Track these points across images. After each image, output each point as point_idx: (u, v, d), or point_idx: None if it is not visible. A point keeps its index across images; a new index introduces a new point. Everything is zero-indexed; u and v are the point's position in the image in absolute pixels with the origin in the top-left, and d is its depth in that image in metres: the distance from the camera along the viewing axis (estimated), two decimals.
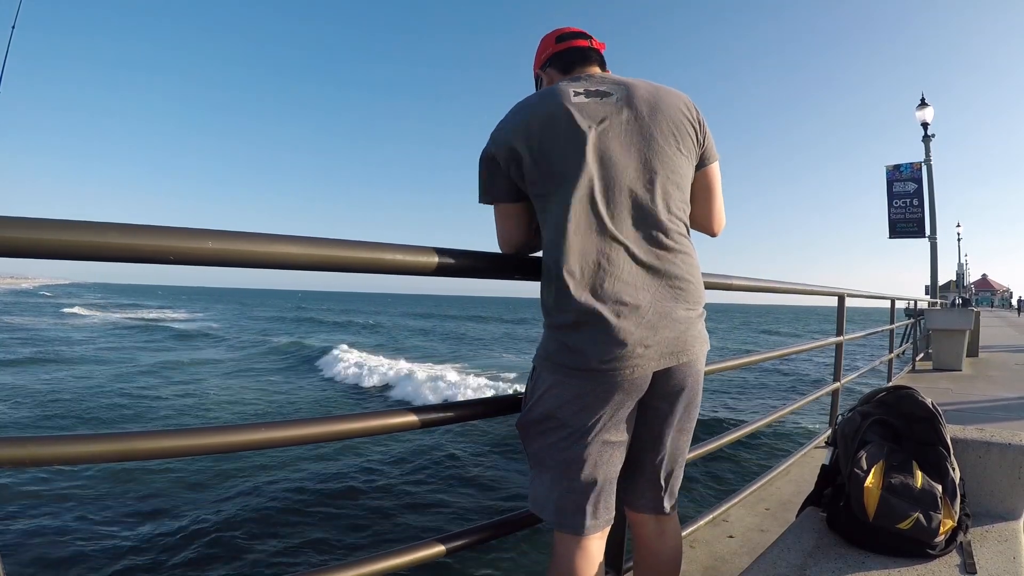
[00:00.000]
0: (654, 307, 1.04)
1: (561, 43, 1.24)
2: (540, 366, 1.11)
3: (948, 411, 1.48)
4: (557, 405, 1.07)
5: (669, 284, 1.07)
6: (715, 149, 1.19)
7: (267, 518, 5.80)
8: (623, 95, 1.11)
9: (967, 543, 1.21)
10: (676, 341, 1.06)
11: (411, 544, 1.12)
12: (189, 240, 0.80)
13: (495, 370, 17.97)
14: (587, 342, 1.02)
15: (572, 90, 1.10)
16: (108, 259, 0.75)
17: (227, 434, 0.89)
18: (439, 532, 1.21)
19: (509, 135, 1.10)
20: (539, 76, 1.29)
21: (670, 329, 1.05)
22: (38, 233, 0.69)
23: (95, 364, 17.02)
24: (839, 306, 3.67)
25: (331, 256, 0.94)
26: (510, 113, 1.14)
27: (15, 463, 0.74)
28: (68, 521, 5.60)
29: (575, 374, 1.04)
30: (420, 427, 1.12)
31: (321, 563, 4.71)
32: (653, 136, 1.09)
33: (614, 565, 1.61)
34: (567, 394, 1.06)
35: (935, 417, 1.37)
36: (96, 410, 10.95)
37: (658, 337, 1.04)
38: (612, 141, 1.07)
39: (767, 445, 7.39)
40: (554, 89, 1.12)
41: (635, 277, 1.04)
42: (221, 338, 26.63)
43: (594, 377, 1.02)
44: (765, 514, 2.44)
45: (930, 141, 10.86)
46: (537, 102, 1.12)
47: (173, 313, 47.82)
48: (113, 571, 4.75)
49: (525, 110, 1.11)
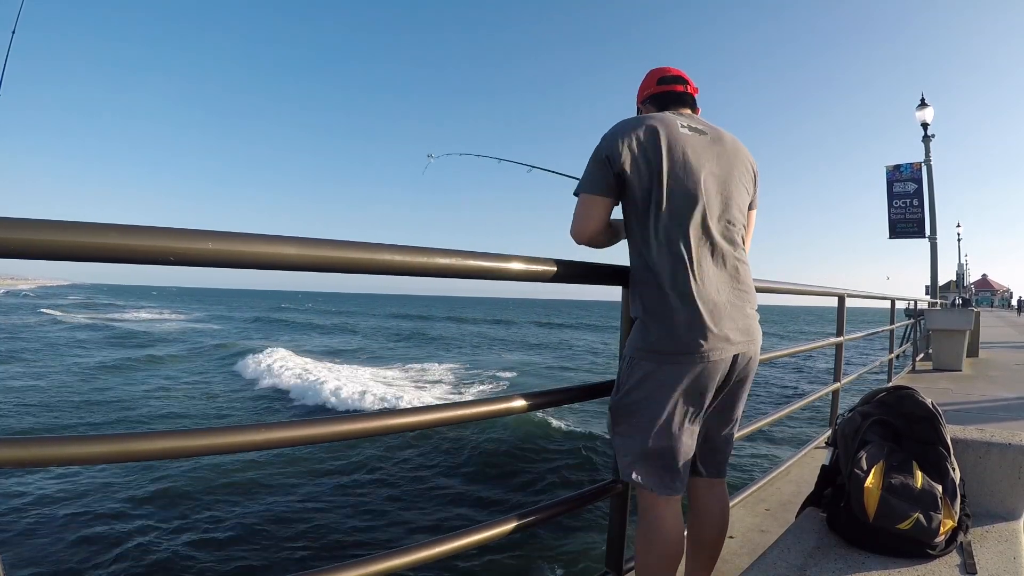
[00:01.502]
0: (731, 305, 1.29)
1: (661, 86, 1.47)
2: (636, 355, 1.31)
3: (948, 411, 1.48)
4: (651, 389, 1.27)
5: (739, 288, 1.33)
6: (758, 199, 1.48)
7: (270, 517, 5.81)
8: (716, 136, 1.37)
9: (967, 543, 1.21)
10: (747, 331, 1.32)
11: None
12: (189, 241, 0.79)
13: (446, 373, 17.56)
14: (683, 333, 1.23)
15: (679, 122, 1.34)
16: (108, 260, 0.74)
17: (227, 435, 0.89)
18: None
19: (629, 142, 1.28)
20: (640, 109, 1.52)
21: (742, 322, 1.31)
22: (38, 234, 0.69)
23: (12, 363, 16.80)
24: (839, 306, 3.66)
25: (329, 257, 0.94)
26: (627, 125, 1.32)
27: (15, 463, 0.74)
28: (68, 521, 5.60)
29: (671, 359, 1.25)
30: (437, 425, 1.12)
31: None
32: (732, 174, 1.36)
33: (614, 565, 1.61)
34: (662, 379, 1.26)
35: (935, 417, 1.37)
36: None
37: (736, 328, 1.29)
38: (706, 170, 1.31)
39: (767, 445, 7.40)
40: (666, 117, 1.34)
41: (718, 281, 1.28)
42: (161, 339, 25.95)
43: (689, 361, 1.24)
44: (765, 514, 2.44)
45: (930, 141, 10.86)
46: (654, 122, 1.31)
47: (145, 314, 46.74)
48: (113, 571, 4.75)
49: (643, 126, 1.30)
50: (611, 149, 1.29)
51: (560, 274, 1.33)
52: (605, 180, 1.31)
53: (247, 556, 5.04)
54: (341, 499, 6.41)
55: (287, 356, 18.86)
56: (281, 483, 6.86)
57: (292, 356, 19.12)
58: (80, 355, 19.47)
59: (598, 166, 1.31)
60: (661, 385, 1.26)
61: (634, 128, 1.30)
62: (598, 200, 1.32)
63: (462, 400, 1.20)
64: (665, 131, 1.29)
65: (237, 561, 4.96)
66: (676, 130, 1.31)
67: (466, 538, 1.20)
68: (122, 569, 4.79)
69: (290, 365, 16.84)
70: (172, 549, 5.12)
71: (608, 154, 1.29)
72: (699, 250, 1.27)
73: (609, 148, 1.29)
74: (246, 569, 4.84)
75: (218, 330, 34.14)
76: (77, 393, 12.81)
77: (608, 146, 1.30)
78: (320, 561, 4.93)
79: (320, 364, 18.16)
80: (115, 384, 14.20)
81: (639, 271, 1.32)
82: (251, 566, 4.88)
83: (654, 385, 1.27)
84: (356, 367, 18.66)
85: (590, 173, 1.33)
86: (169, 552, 5.07)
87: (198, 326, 37.05)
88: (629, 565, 1.70)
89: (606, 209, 1.34)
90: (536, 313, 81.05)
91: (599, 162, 1.31)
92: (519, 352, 26.08)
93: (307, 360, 18.78)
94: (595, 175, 1.32)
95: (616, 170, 1.29)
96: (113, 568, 4.80)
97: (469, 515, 6.02)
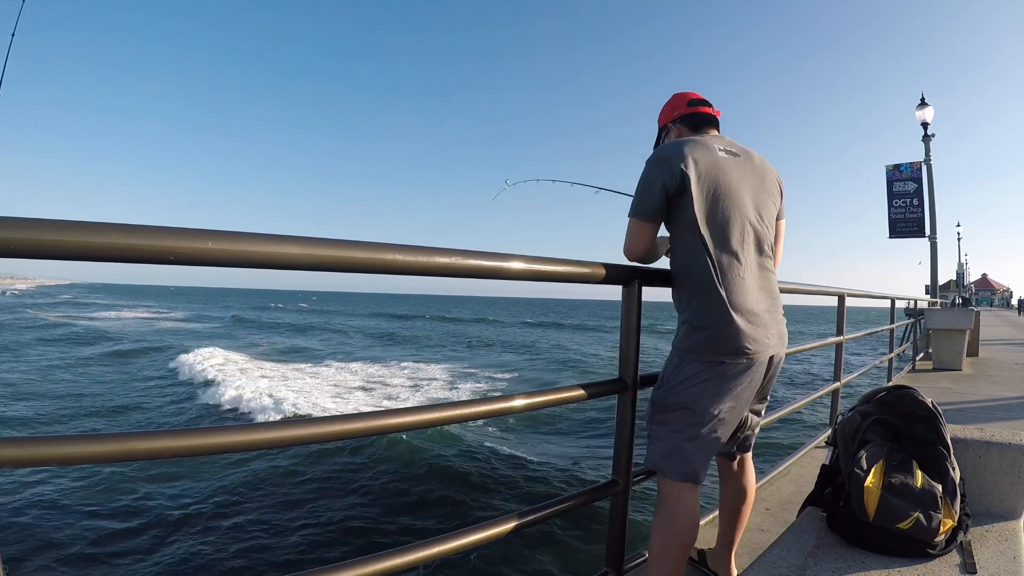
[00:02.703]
0: (766, 310, 1.43)
1: (692, 107, 1.59)
2: (683, 357, 1.42)
3: (948, 411, 1.48)
4: (698, 387, 1.39)
5: (771, 295, 1.48)
6: (784, 209, 1.62)
7: (274, 515, 5.81)
8: (746, 156, 1.51)
9: (967, 543, 1.22)
10: (780, 336, 1.47)
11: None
12: (189, 240, 0.79)
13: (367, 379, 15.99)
14: (732, 337, 1.36)
15: (717, 146, 1.46)
16: (108, 259, 0.74)
17: (227, 434, 0.89)
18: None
19: (678, 166, 1.39)
20: (668, 127, 1.63)
21: (776, 327, 1.46)
22: (38, 234, 0.69)
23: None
24: (839, 306, 3.67)
25: (331, 256, 0.94)
26: (672, 148, 1.43)
27: (15, 463, 0.74)
28: (68, 520, 5.60)
29: (719, 360, 1.37)
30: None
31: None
32: (762, 192, 1.49)
33: (614, 565, 1.61)
34: (708, 376, 1.38)
35: (935, 417, 1.37)
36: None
37: (770, 332, 1.43)
38: (744, 190, 1.45)
39: (767, 445, 7.40)
40: (707, 141, 1.46)
41: (758, 290, 1.43)
42: (111, 337, 24.86)
43: (735, 363, 1.37)
44: (765, 514, 2.44)
45: (930, 141, 10.87)
46: (698, 148, 1.43)
47: (127, 313, 46.09)
48: (113, 570, 4.76)
49: (689, 151, 1.41)
50: (662, 174, 1.40)
51: (561, 274, 1.33)
52: (654, 204, 1.43)
53: (247, 556, 5.04)
54: (341, 499, 6.41)
55: (212, 356, 18.01)
56: (281, 482, 6.86)
57: (219, 356, 18.29)
58: (16, 352, 19.06)
59: (648, 191, 1.43)
60: (708, 383, 1.38)
61: (681, 153, 1.41)
62: (643, 224, 1.46)
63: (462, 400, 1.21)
64: (709, 155, 1.42)
65: (238, 561, 4.96)
66: (716, 154, 1.44)
67: (466, 538, 1.20)
68: (122, 568, 4.80)
69: (210, 366, 16.00)
70: (172, 549, 5.12)
71: (658, 178, 1.41)
72: (743, 263, 1.41)
73: (660, 173, 1.41)
74: (246, 569, 4.84)
75: (184, 328, 33.43)
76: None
77: (658, 171, 1.41)
78: (320, 561, 4.93)
79: (252, 365, 17.36)
80: (19, 380, 13.97)
81: (688, 281, 1.44)
82: (251, 566, 4.88)
83: (701, 383, 1.39)
84: (297, 367, 17.87)
85: (640, 198, 1.45)
86: (169, 552, 5.07)
87: (168, 324, 36.38)
88: (629, 565, 1.70)
89: (655, 231, 1.48)
90: (511, 312, 79.80)
91: (649, 187, 1.42)
92: (489, 355, 24.66)
93: (240, 360, 18.10)
94: (644, 200, 1.44)
95: (669, 193, 1.41)
96: (113, 568, 4.80)
97: (468, 515, 6.02)
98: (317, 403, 11.87)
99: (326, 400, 12.40)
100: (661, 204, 1.42)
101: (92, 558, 4.94)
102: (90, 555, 4.98)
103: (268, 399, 11.83)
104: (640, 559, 1.80)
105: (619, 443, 1.57)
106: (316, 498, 6.40)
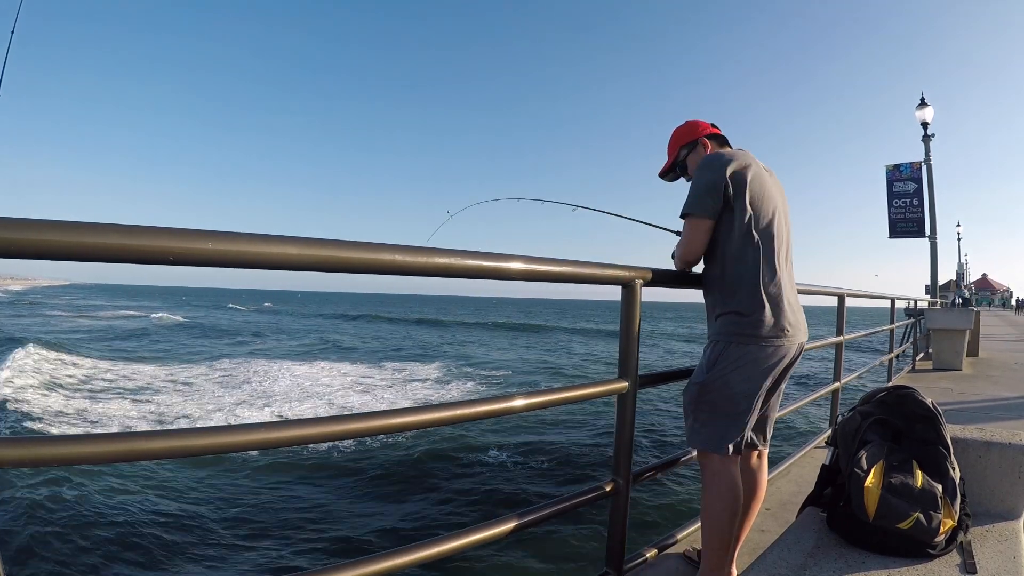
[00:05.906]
0: (794, 302, 1.62)
1: (715, 128, 1.80)
2: (725, 342, 1.56)
3: (948, 411, 1.48)
4: (738, 369, 1.53)
5: (796, 289, 1.67)
6: None
7: (272, 516, 5.81)
8: (769, 170, 1.69)
9: (967, 543, 1.21)
10: (804, 325, 1.65)
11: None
12: (189, 241, 0.79)
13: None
14: (775, 322, 1.53)
15: (754, 158, 1.64)
16: (108, 260, 0.74)
17: (228, 434, 0.89)
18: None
19: (735, 171, 1.55)
20: (696, 142, 1.78)
21: (801, 316, 1.64)
22: (38, 234, 0.69)
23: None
24: (839, 306, 3.67)
25: (330, 257, 0.94)
26: (730, 155, 1.59)
27: (15, 463, 0.74)
28: (68, 520, 5.59)
29: (764, 342, 1.52)
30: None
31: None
32: (784, 202, 1.69)
33: (614, 565, 1.61)
34: (752, 358, 1.53)
35: (935, 417, 1.37)
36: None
37: (800, 321, 1.62)
38: (777, 198, 1.64)
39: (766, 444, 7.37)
40: (749, 154, 1.64)
41: (787, 284, 1.60)
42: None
43: (777, 344, 1.54)
44: (765, 514, 2.44)
45: (930, 141, 10.86)
46: (748, 157, 1.61)
47: (109, 312, 44.44)
48: (113, 570, 4.75)
49: (742, 160, 1.58)
50: (721, 177, 1.54)
51: (561, 274, 1.34)
52: (714, 205, 1.55)
53: (247, 555, 5.04)
54: (341, 499, 6.41)
55: (30, 355, 15.28)
56: (281, 483, 6.86)
57: (37, 355, 15.63)
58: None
59: (707, 192, 1.55)
60: (753, 363, 1.53)
61: (735, 160, 1.57)
62: (706, 222, 1.58)
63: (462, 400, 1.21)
64: (756, 166, 1.60)
65: (237, 561, 4.96)
66: (759, 164, 1.63)
67: (466, 538, 1.20)
68: (122, 568, 4.79)
69: (14, 365, 13.60)
70: (172, 549, 5.12)
71: (718, 181, 1.54)
72: (781, 262, 1.59)
73: (719, 176, 1.54)
74: (246, 570, 4.84)
75: (102, 327, 30.57)
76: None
77: (717, 175, 1.55)
78: (320, 561, 4.93)
79: (66, 365, 15.12)
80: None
81: (735, 276, 1.57)
82: (251, 565, 4.88)
83: (744, 366, 1.53)
84: (158, 368, 15.94)
85: (699, 198, 1.57)
86: (169, 552, 5.07)
87: (100, 324, 33.52)
88: (629, 565, 1.70)
89: (710, 230, 1.59)
90: (503, 312, 74.87)
91: (709, 188, 1.55)
92: (427, 363, 19.54)
93: (60, 359, 15.87)
94: (704, 200, 1.56)
95: (727, 194, 1.54)
96: (113, 567, 4.80)
97: (468, 514, 6.01)
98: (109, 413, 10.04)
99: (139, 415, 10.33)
100: (719, 204, 1.55)
101: (92, 558, 4.93)
102: (90, 555, 4.98)
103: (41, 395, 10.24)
104: (640, 559, 1.80)
105: (619, 443, 1.57)
106: (316, 498, 6.40)
